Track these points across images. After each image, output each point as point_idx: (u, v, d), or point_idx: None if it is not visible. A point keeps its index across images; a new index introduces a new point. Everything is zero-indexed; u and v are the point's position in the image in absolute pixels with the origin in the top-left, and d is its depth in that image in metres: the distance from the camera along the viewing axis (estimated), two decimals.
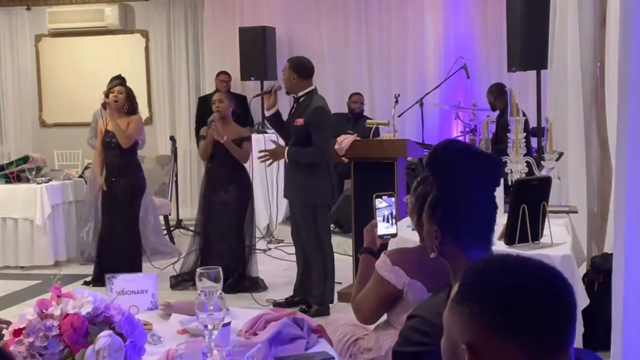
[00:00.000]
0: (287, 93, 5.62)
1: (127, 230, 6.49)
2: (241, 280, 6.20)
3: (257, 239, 7.78)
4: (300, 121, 5.38)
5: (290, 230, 5.86)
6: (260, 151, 5.75)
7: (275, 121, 5.60)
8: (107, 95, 6.45)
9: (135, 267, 6.32)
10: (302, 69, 5.45)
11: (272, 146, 5.79)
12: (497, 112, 8.00)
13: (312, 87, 5.47)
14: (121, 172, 6.44)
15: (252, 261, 6.36)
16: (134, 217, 6.57)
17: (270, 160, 5.70)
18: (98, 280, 6.26)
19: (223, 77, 9.48)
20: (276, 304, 5.62)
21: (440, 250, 2.08)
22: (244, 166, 6.24)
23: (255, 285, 6.23)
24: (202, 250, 6.32)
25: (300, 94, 5.46)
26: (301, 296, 5.69)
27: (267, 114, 5.58)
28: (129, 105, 6.47)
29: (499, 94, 7.88)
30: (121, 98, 6.41)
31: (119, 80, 6.76)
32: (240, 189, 6.22)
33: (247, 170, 6.29)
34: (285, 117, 5.66)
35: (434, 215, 2.09)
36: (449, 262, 2.07)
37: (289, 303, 5.60)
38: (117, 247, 6.47)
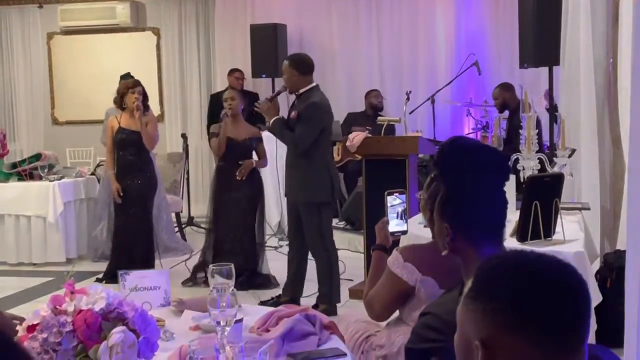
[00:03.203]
0: (290, 92, 5.49)
1: (141, 228, 6.50)
2: (253, 277, 6.21)
3: (268, 236, 7.80)
4: (294, 114, 5.34)
5: (288, 229, 5.78)
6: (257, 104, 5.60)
7: (277, 130, 5.44)
8: (122, 95, 6.43)
9: (149, 265, 6.34)
10: (302, 65, 5.36)
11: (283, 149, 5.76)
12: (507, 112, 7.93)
13: (314, 84, 5.40)
14: (136, 170, 6.45)
15: (263, 258, 6.37)
16: (148, 215, 6.58)
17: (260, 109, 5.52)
18: (110, 277, 6.29)
19: (238, 74, 9.48)
20: (261, 303, 5.44)
21: (452, 247, 2.08)
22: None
23: (267, 282, 6.24)
24: (214, 248, 6.33)
25: (302, 90, 5.37)
26: (289, 296, 5.57)
27: (268, 123, 5.48)
28: (145, 104, 6.50)
29: (508, 91, 7.88)
30: (140, 99, 6.41)
31: (132, 79, 6.79)
32: (252, 187, 6.23)
33: (258, 169, 6.30)
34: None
35: (444, 213, 2.10)
36: (461, 259, 2.08)
37: (275, 303, 5.29)
38: (131, 244, 6.48)
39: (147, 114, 6.50)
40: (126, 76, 7.96)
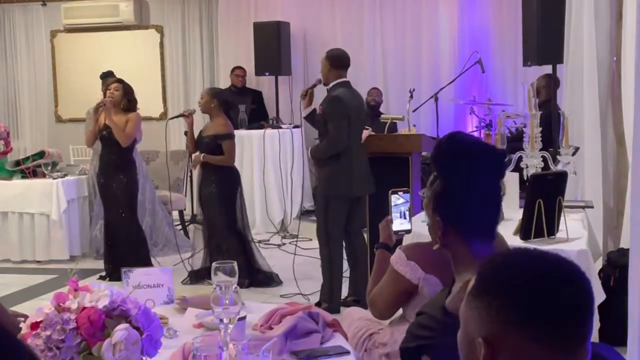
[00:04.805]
0: (324, 84, 5.59)
1: (128, 226, 6.49)
2: (255, 274, 6.19)
3: (270, 234, 7.79)
4: (320, 109, 5.43)
5: None
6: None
7: (312, 120, 5.61)
8: (105, 94, 6.43)
9: (142, 261, 6.32)
10: (333, 58, 5.50)
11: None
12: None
13: (343, 79, 5.48)
14: (117, 169, 6.42)
15: (256, 255, 6.31)
16: (134, 213, 6.57)
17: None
18: (113, 275, 6.29)
19: (238, 72, 9.49)
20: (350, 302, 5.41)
21: (443, 241, 2.10)
22: None
23: (270, 280, 6.23)
24: (205, 244, 6.35)
25: (331, 84, 5.48)
26: (354, 296, 5.56)
27: (303, 114, 5.62)
28: (126, 103, 6.39)
29: (546, 85, 7.25)
30: (117, 95, 6.33)
31: (112, 76, 6.78)
32: (222, 184, 6.13)
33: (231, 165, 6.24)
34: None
35: (438, 206, 2.11)
36: (451, 253, 2.10)
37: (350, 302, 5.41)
38: (122, 243, 6.49)
39: (128, 115, 6.39)
40: (107, 74, 7.99)
